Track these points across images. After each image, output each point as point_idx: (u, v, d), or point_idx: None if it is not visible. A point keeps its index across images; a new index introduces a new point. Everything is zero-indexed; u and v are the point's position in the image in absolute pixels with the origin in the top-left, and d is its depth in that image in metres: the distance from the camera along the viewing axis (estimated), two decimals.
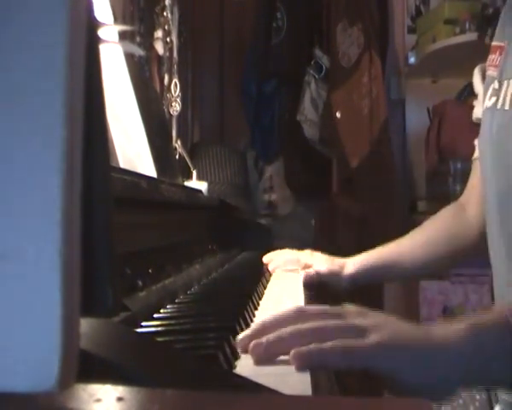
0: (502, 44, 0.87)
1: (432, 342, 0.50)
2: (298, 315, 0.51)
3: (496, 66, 0.88)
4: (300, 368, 0.44)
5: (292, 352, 0.45)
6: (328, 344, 0.45)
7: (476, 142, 1.01)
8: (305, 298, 0.86)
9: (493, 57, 0.89)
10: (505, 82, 0.83)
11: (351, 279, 1.06)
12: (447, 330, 0.51)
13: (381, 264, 1.07)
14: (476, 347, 0.50)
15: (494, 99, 0.85)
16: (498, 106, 0.83)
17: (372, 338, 0.47)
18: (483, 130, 0.89)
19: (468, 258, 1.12)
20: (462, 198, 1.08)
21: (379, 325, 0.49)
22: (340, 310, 0.52)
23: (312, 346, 0.45)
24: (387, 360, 0.47)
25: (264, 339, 0.47)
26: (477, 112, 1.00)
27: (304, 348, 0.45)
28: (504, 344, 0.50)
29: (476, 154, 1.02)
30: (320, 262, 1.08)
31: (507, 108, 0.81)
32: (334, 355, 0.46)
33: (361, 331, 0.48)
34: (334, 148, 2.32)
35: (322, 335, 0.47)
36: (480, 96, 0.97)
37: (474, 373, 0.51)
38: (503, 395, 0.87)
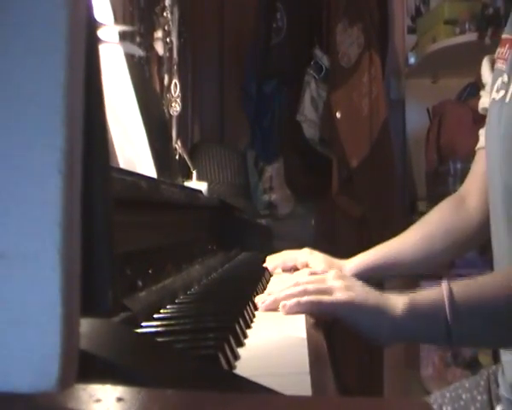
0: None
1: (380, 309, 0.67)
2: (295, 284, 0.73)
3: (505, 59, 0.87)
4: (287, 313, 0.68)
5: (281, 304, 0.69)
6: (304, 298, 0.68)
7: (481, 132, 1.00)
8: None
9: (503, 50, 0.89)
10: None
11: None
12: (396, 302, 0.67)
13: (381, 263, 1.06)
14: (412, 321, 0.67)
15: (503, 92, 0.84)
16: (507, 99, 0.83)
17: (338, 296, 0.68)
18: (490, 122, 0.88)
19: (469, 250, 1.11)
20: (462, 189, 1.06)
21: (347, 287, 0.69)
22: (323, 275, 0.74)
23: (295, 300, 0.68)
24: (345, 313, 0.68)
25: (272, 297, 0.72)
26: (484, 102, 0.99)
27: (288, 302, 0.69)
28: (434, 326, 0.67)
29: (480, 143, 1.01)
30: (317, 263, 1.07)
31: None
32: (308, 305, 0.68)
33: (332, 291, 0.68)
34: (334, 148, 2.32)
35: (306, 294, 0.69)
36: (488, 87, 0.96)
37: (409, 338, 0.73)
38: (504, 393, 0.87)
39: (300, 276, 1.00)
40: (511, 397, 0.86)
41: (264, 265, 1.13)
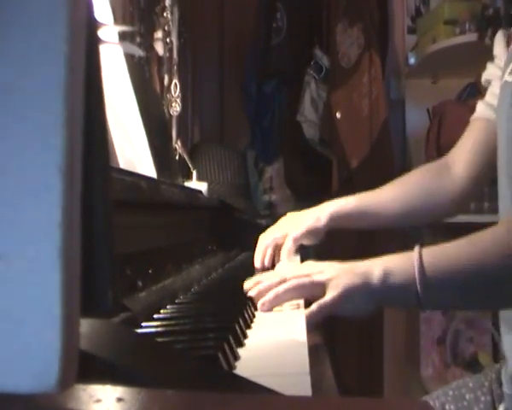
0: None
1: (362, 287, 0.70)
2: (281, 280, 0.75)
3: None
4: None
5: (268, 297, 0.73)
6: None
7: (479, 103, 1.01)
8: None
9: None
10: None
11: (326, 231, 1.07)
12: (371, 271, 0.71)
13: (366, 211, 1.06)
14: (386, 291, 0.71)
15: None
16: None
17: (328, 296, 0.70)
18: (501, 103, 0.89)
19: (450, 215, 1.11)
20: (449, 157, 1.07)
21: (332, 280, 0.71)
22: (306, 269, 0.75)
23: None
24: (339, 311, 0.71)
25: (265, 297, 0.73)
26: (489, 74, 0.99)
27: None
28: (406, 292, 0.70)
29: (476, 115, 1.02)
30: (292, 227, 1.07)
31: None
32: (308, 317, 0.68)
33: (321, 287, 0.71)
34: (334, 148, 2.32)
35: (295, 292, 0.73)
36: (498, 60, 0.97)
37: (383, 305, 0.78)
38: (507, 390, 0.87)
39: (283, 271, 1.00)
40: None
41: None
